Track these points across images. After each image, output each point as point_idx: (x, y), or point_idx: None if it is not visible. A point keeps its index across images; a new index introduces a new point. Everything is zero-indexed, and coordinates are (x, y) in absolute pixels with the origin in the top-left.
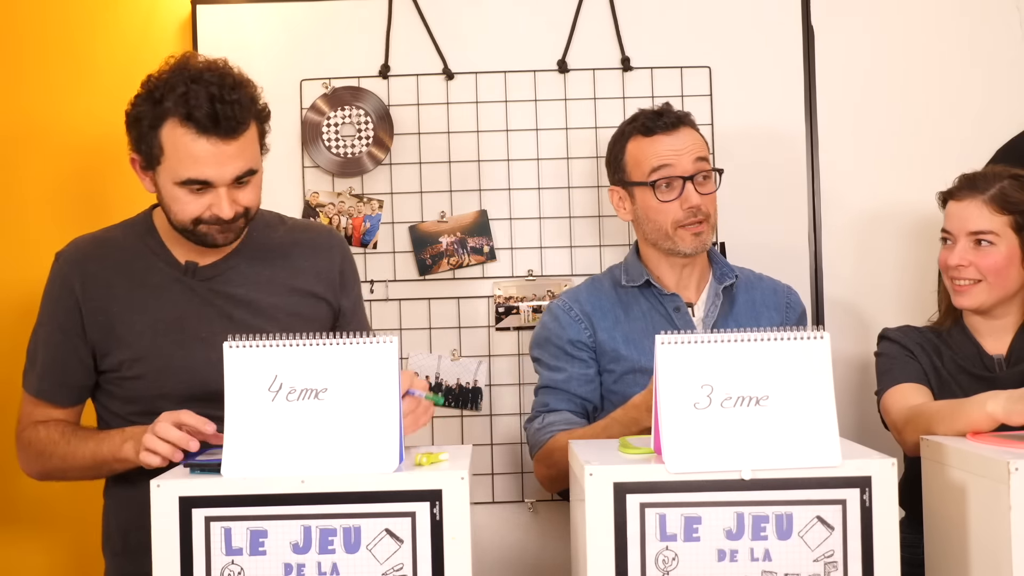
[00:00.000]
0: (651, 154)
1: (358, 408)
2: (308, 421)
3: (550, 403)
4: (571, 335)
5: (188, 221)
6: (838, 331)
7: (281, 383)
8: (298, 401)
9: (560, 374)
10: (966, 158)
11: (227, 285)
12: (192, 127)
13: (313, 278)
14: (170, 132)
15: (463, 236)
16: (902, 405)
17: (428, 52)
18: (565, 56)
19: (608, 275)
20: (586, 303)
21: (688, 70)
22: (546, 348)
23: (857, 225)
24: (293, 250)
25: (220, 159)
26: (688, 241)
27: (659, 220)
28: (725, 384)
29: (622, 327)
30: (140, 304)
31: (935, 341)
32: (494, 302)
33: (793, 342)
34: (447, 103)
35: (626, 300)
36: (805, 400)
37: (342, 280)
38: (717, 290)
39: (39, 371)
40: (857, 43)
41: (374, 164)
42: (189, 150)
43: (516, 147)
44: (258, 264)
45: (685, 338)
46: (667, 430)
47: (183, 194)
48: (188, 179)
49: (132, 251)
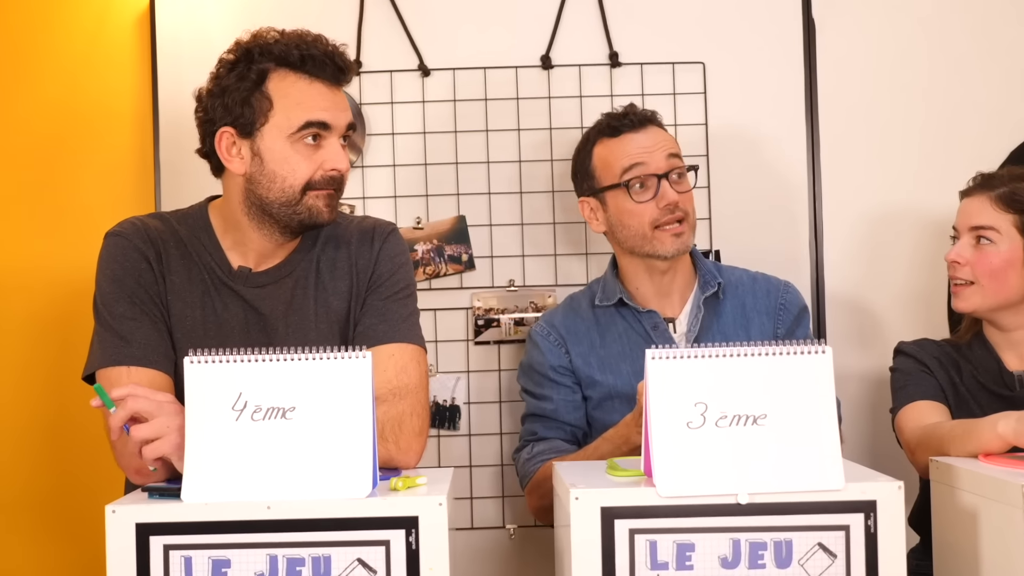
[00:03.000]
0: (620, 154)
1: (328, 428)
2: (275, 442)
3: (538, 431)
4: (552, 361)
5: (299, 187)
6: (843, 344)
7: (246, 401)
8: (264, 420)
9: (546, 402)
10: (978, 159)
11: (278, 293)
12: (304, 72)
13: (353, 283)
14: (279, 82)
15: (440, 243)
16: (916, 424)
17: (402, 47)
18: (549, 51)
19: (587, 293)
20: (562, 326)
21: (681, 66)
22: (530, 376)
23: (862, 231)
24: (336, 252)
25: (336, 102)
26: (667, 243)
27: (634, 223)
28: (720, 402)
29: (597, 352)
30: (192, 300)
31: (954, 356)
32: (473, 314)
33: (793, 357)
34: (423, 101)
35: (603, 321)
36: (806, 419)
37: (372, 277)
38: (699, 301)
39: (140, 342)
40: (861, 37)
41: None
42: (306, 93)
43: (496, 148)
44: (308, 267)
45: (677, 352)
46: (658, 451)
47: (298, 149)
48: (307, 122)
49: (187, 244)
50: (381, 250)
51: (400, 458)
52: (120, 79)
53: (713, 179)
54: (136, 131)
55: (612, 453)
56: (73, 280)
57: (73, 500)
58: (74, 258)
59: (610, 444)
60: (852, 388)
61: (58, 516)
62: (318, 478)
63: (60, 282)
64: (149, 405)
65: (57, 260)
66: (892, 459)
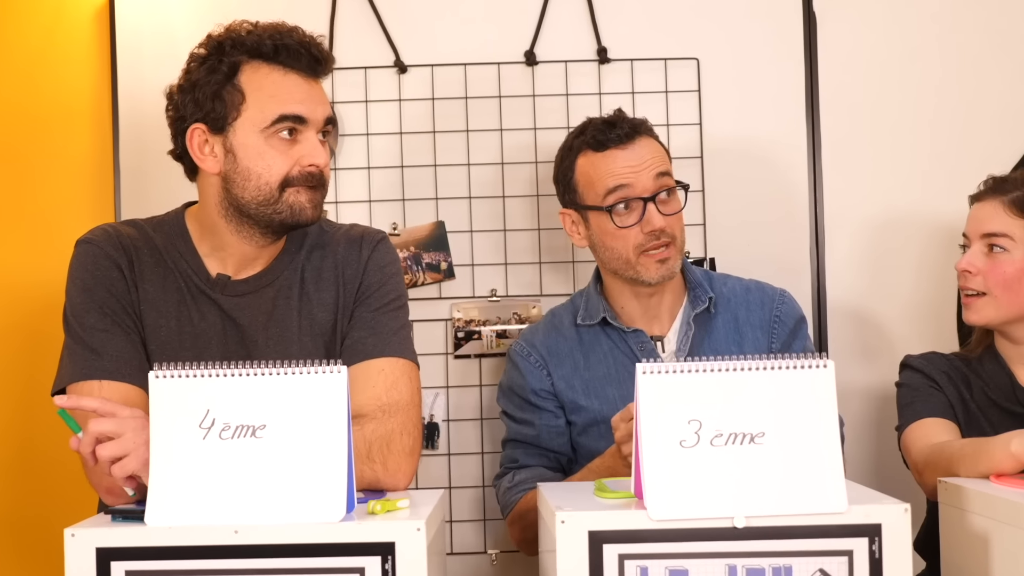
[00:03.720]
0: (605, 173)
1: (301, 447)
2: (244, 462)
3: (520, 458)
4: (532, 384)
5: (276, 184)
6: (846, 358)
7: (213, 418)
8: (233, 439)
9: (528, 427)
10: (989, 162)
11: (258, 302)
12: (278, 64)
13: (340, 293)
14: (252, 74)
15: (417, 251)
16: (923, 443)
17: (377, 42)
18: (533, 46)
19: (569, 309)
20: (542, 346)
21: (674, 62)
22: (510, 398)
23: (866, 237)
24: (321, 263)
25: (312, 95)
26: (652, 269)
27: (618, 247)
28: (715, 419)
29: (581, 374)
30: (167, 310)
31: (964, 370)
32: (452, 326)
33: (793, 372)
34: (399, 100)
35: (587, 341)
36: (806, 437)
37: (361, 285)
38: (689, 318)
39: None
40: (866, 31)
41: None
42: (279, 84)
43: (477, 149)
44: (291, 277)
45: (669, 367)
46: (649, 471)
47: (272, 145)
48: (281, 116)
49: (163, 251)
50: (370, 259)
51: (388, 480)
52: (77, 77)
53: (708, 182)
54: (95, 132)
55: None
56: (33, 290)
57: (42, 521)
58: (32, 267)
59: (595, 475)
60: (855, 404)
61: (25, 538)
62: (289, 501)
63: (20, 292)
64: (112, 425)
65: (13, 269)
66: (898, 480)
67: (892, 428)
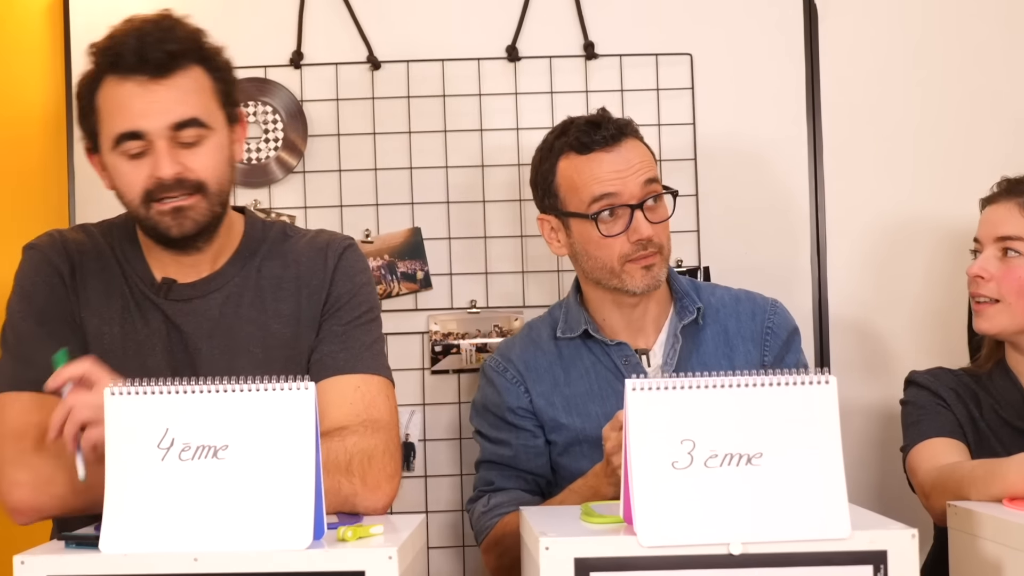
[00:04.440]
0: (590, 178)
1: (265, 469)
2: (205, 485)
3: (495, 480)
4: (509, 402)
5: (140, 202)
6: (848, 373)
7: (173, 438)
8: (193, 460)
9: (504, 448)
10: (1001, 162)
11: (204, 308)
12: (118, 72)
13: (304, 300)
14: (103, 91)
15: (391, 259)
16: (931, 465)
17: (349, 36)
18: (516, 41)
19: (548, 321)
20: (520, 361)
21: (666, 58)
22: (485, 417)
23: (870, 244)
24: (285, 271)
25: (149, 101)
26: (638, 278)
27: (602, 256)
28: (710, 439)
29: (561, 391)
30: (110, 316)
31: (973, 387)
32: (429, 339)
33: (793, 388)
34: (372, 98)
35: (567, 355)
36: (807, 458)
37: (329, 292)
38: (676, 329)
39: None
40: (871, 25)
41: (284, 172)
42: (117, 98)
43: (456, 151)
44: (243, 283)
45: (661, 383)
46: (640, 494)
47: (123, 163)
48: (119, 135)
49: (110, 255)
50: (337, 268)
51: (368, 497)
52: (30, 74)
53: (701, 186)
54: (48, 132)
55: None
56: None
57: None
58: None
59: (578, 496)
60: (858, 423)
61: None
62: (253, 526)
63: None
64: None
65: None
66: (904, 504)
67: (897, 449)
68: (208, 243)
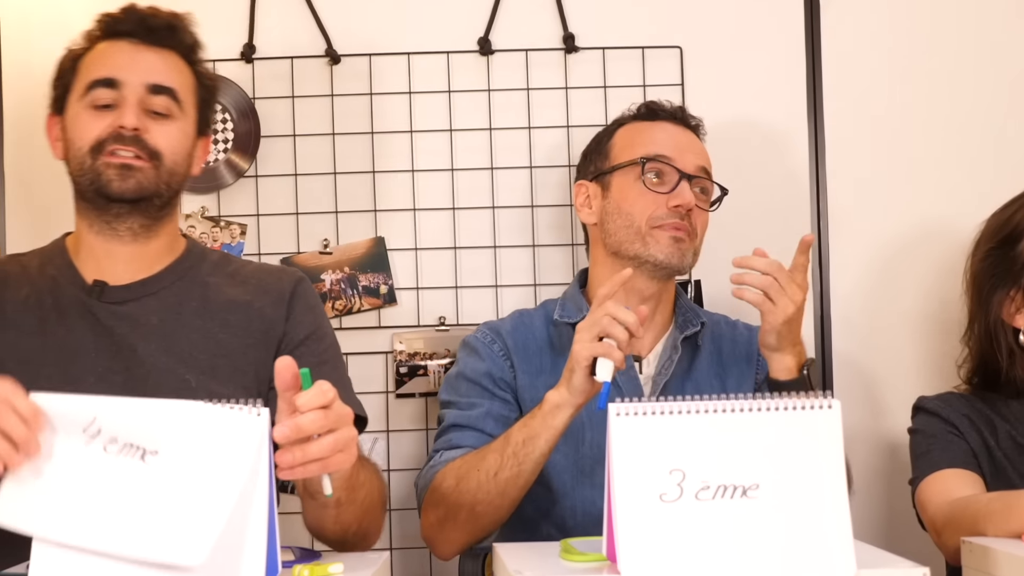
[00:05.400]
0: (649, 139)
1: (205, 493)
2: (127, 485)
3: (454, 439)
4: (492, 370)
5: (88, 151)
6: (851, 397)
7: (100, 428)
8: (119, 456)
9: (473, 410)
10: (1021, 165)
11: (141, 312)
12: (115, 35)
13: (255, 315)
14: (92, 52)
15: (352, 272)
16: (942, 499)
17: (306, 27)
18: (488, 33)
19: (541, 311)
20: (509, 338)
21: (653, 51)
22: (457, 386)
23: (878, 256)
24: (233, 288)
25: (135, 58)
26: (664, 244)
27: (635, 213)
28: (701, 469)
29: (546, 379)
30: (28, 327)
31: (987, 412)
32: (393, 360)
33: (792, 412)
34: (332, 95)
35: (558, 343)
36: (808, 490)
37: (288, 315)
38: (676, 340)
39: None
40: (878, 13)
41: (234, 176)
42: (103, 53)
43: (424, 153)
44: (186, 294)
45: (648, 407)
46: (624, 530)
47: (86, 113)
48: (93, 81)
49: (33, 270)
50: (295, 297)
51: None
52: None
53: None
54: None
55: (529, 424)
56: None
57: None
58: None
59: (527, 416)
60: (862, 453)
61: None
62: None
63: None
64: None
65: None
66: (913, 540)
67: (905, 481)
68: (143, 221)
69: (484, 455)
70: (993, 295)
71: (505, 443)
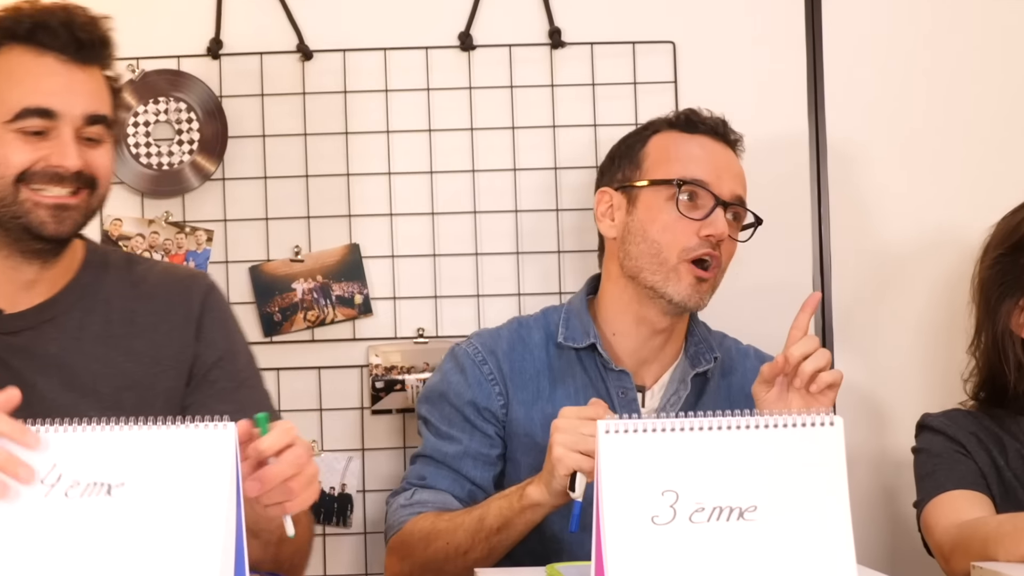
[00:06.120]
0: (687, 156)
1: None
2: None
3: (428, 477)
4: (476, 397)
5: (11, 178)
6: (853, 414)
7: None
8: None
9: (451, 445)
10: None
11: (38, 341)
12: (35, 45)
13: (163, 337)
14: (4, 59)
15: (326, 281)
16: (950, 521)
17: (276, 21)
18: (470, 27)
19: (542, 323)
20: (505, 360)
21: (644, 46)
22: (439, 406)
23: (883, 264)
24: (137, 303)
25: (71, 85)
26: (685, 285)
27: (662, 241)
28: (696, 490)
29: (543, 407)
30: None
31: (996, 430)
32: (369, 374)
33: (792, 430)
34: (303, 93)
35: (558, 368)
36: (809, 512)
37: (199, 333)
38: (686, 375)
39: None
40: (883, 7)
41: (200, 179)
42: (29, 70)
43: (401, 155)
44: (86, 317)
45: (638, 425)
46: (614, 555)
47: (14, 139)
48: (25, 109)
49: None
50: (206, 311)
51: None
52: None
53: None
54: None
55: (505, 513)
56: None
57: None
58: None
59: (504, 500)
60: (862, 473)
61: None
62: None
63: None
64: None
65: None
66: (919, 565)
67: (909, 503)
68: (61, 256)
69: (455, 528)
70: (1001, 304)
71: (479, 525)
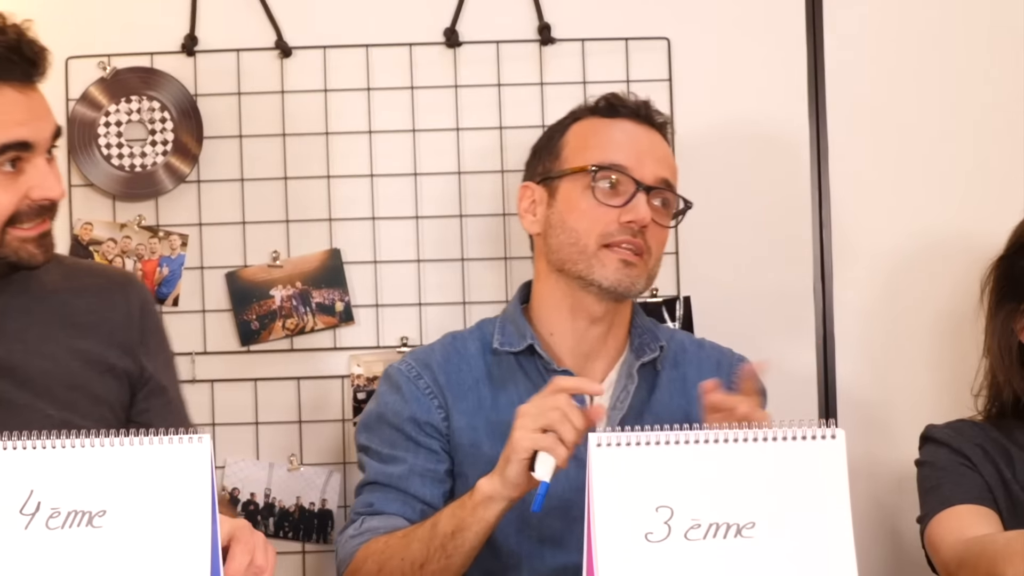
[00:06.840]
0: (606, 141)
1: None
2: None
3: (376, 503)
4: (416, 413)
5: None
6: (854, 426)
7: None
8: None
9: (396, 466)
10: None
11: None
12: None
13: (105, 339)
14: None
15: (305, 288)
16: (955, 538)
17: (254, 16)
18: (456, 23)
19: (476, 334)
20: (440, 371)
21: (637, 43)
22: (378, 430)
23: (886, 268)
24: (75, 300)
25: (32, 110)
26: (611, 269)
27: (581, 229)
28: (691, 506)
29: (486, 414)
30: None
31: (1003, 441)
32: (351, 384)
33: (792, 443)
34: (282, 92)
35: (498, 375)
36: (809, 528)
37: (143, 338)
38: (632, 368)
39: None
40: (885, 6)
41: (175, 181)
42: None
43: (384, 156)
44: (26, 317)
45: (632, 438)
46: (606, 573)
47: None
48: (6, 144)
49: None
50: (144, 315)
51: None
52: None
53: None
54: None
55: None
56: None
57: None
58: None
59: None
60: (864, 487)
61: None
62: None
63: None
64: None
65: None
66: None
67: (913, 519)
68: None
69: (409, 542)
70: (1001, 309)
71: (432, 532)
